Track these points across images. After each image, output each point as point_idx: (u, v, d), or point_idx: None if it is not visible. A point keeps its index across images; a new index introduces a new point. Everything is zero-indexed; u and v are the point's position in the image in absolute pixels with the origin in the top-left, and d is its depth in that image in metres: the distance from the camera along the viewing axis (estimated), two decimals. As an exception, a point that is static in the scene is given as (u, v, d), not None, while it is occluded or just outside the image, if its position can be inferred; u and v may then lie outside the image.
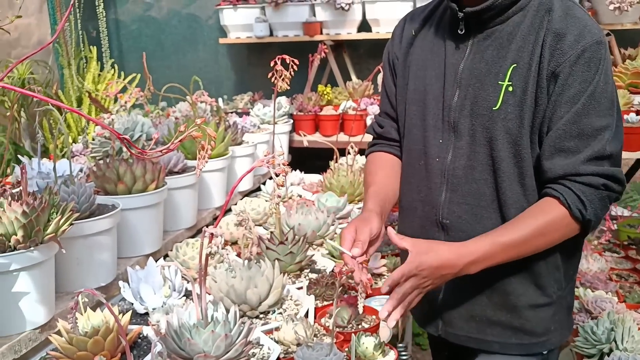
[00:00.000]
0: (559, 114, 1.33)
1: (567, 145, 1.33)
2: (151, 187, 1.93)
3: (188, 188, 2.22)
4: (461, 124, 1.44)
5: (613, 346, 1.80)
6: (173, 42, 4.78)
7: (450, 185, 1.47)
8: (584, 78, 1.31)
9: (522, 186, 1.40)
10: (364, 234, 1.43)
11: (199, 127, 1.05)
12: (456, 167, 1.46)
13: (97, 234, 1.70)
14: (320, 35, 4.03)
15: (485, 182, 1.42)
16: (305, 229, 2.10)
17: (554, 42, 1.33)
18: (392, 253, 2.14)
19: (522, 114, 1.36)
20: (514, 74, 1.37)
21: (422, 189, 1.54)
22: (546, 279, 1.44)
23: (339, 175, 2.78)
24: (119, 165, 1.91)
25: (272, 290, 1.64)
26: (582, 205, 1.31)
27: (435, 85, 1.50)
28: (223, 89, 4.61)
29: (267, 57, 4.58)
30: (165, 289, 1.70)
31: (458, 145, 1.46)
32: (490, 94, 1.39)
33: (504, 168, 1.39)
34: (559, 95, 1.32)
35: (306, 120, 3.77)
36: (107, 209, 1.79)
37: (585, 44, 1.30)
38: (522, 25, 1.39)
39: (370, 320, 1.63)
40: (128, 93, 2.98)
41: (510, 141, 1.38)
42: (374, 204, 1.55)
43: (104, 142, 2.42)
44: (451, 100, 1.46)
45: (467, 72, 1.44)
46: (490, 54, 1.41)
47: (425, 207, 1.53)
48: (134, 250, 1.94)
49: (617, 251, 2.90)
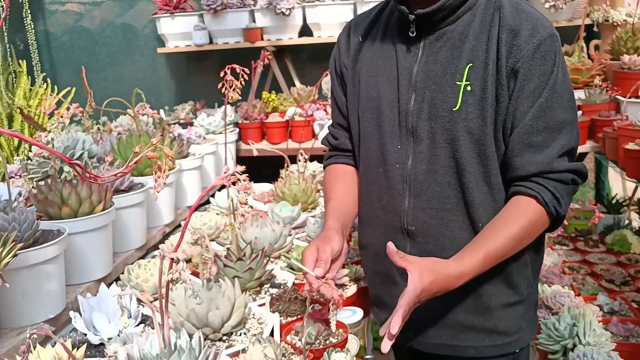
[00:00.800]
0: (522, 109, 1.32)
1: (535, 140, 1.32)
2: (98, 209, 1.83)
3: (136, 206, 2.12)
4: (420, 127, 1.42)
5: (576, 341, 1.82)
6: (108, 54, 4.61)
7: (413, 191, 1.44)
8: (542, 71, 1.31)
9: (488, 185, 1.38)
10: (325, 253, 1.39)
11: (155, 147, 0.98)
12: (417, 172, 1.43)
13: (43, 263, 1.59)
14: (261, 41, 3.97)
15: (448, 184, 1.40)
16: (262, 243, 2.03)
17: (510, 38, 1.32)
18: (352, 262, 2.10)
19: (484, 112, 1.34)
20: (470, 73, 1.35)
21: (384, 197, 1.50)
22: (517, 277, 1.43)
23: (291, 183, 2.73)
24: (62, 187, 1.79)
25: (234, 310, 1.57)
26: (557, 202, 1.33)
27: (388, 91, 1.47)
28: (163, 99, 4.49)
29: (208, 65, 4.54)
30: (124, 318, 1.60)
31: (418, 149, 1.43)
32: (448, 95, 1.37)
33: (469, 168, 1.37)
34: (520, 91, 1.32)
35: (253, 129, 3.70)
36: (52, 235, 1.68)
37: (540, 37, 1.31)
38: (473, 24, 1.38)
39: (338, 334, 1.59)
40: (63, 107, 2.85)
41: (473, 141, 1.36)
42: (333, 220, 1.52)
43: (43, 162, 2.29)
44: (407, 105, 1.43)
45: (422, 74, 1.41)
46: (444, 55, 1.39)
47: (388, 215, 1.50)
48: (83, 276, 1.84)
49: (566, 244, 2.97)
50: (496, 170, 1.37)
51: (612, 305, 2.21)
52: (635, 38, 2.83)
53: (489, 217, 1.38)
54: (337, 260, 1.45)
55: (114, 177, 0.95)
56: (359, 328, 1.72)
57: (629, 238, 2.82)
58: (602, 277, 2.55)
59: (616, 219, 3.12)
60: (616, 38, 2.89)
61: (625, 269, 2.63)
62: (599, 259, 2.77)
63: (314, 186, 2.78)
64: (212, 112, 3.56)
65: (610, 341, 1.87)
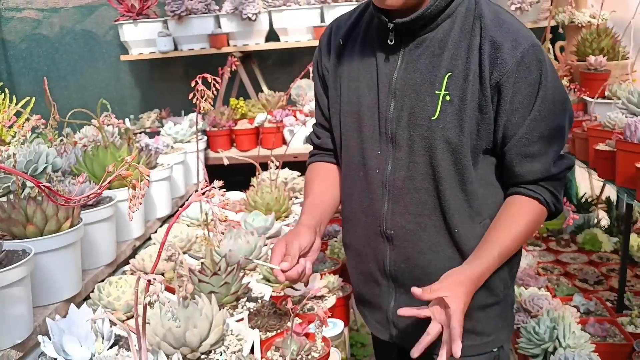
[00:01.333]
0: (514, 120, 1.34)
1: (532, 151, 1.36)
2: (65, 226, 1.75)
3: (105, 221, 2.05)
4: (399, 135, 1.42)
5: (556, 344, 1.82)
6: (69, 62, 4.49)
7: (392, 197, 1.45)
8: (529, 82, 1.32)
9: (463, 192, 1.40)
10: (293, 248, 1.41)
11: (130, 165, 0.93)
12: (396, 178, 1.44)
13: (8, 286, 1.50)
14: (228, 47, 3.92)
15: (426, 190, 1.41)
16: (236, 255, 1.98)
17: (492, 50, 1.32)
18: (329, 271, 2.07)
19: (462, 122, 1.35)
20: (449, 83, 1.35)
21: (364, 200, 1.51)
22: (494, 280, 1.44)
23: (263, 192, 2.68)
24: (26, 205, 1.71)
25: (212, 328, 1.52)
26: (556, 200, 1.41)
27: (369, 97, 1.47)
28: (127, 107, 4.39)
29: (173, 71, 4.45)
30: (99, 344, 1.53)
31: (397, 156, 1.43)
32: (427, 104, 1.37)
33: (445, 176, 1.39)
34: (510, 103, 1.33)
35: (221, 136, 3.64)
36: (17, 256, 1.59)
37: (522, 49, 1.31)
38: (452, 32, 1.37)
39: (319, 349, 1.55)
40: (23, 118, 2.74)
41: (449, 150, 1.37)
42: (307, 216, 1.53)
43: (3, 177, 2.19)
44: (387, 112, 1.43)
45: (401, 82, 1.41)
46: (424, 63, 1.39)
47: (368, 218, 1.51)
48: (50, 297, 1.75)
49: (539, 244, 2.99)
50: (471, 179, 1.39)
51: (587, 306, 2.23)
52: (600, 39, 2.86)
53: (464, 222, 1.41)
54: (308, 255, 1.46)
55: (86, 198, 0.90)
56: (340, 341, 1.69)
57: (599, 237, 2.86)
58: (575, 277, 2.57)
59: (586, 218, 3.15)
60: (581, 39, 2.92)
61: (597, 268, 2.65)
62: (571, 258, 2.80)
63: (286, 194, 2.74)
64: (179, 120, 3.49)
65: (589, 342, 1.88)
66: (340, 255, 2.21)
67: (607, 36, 2.83)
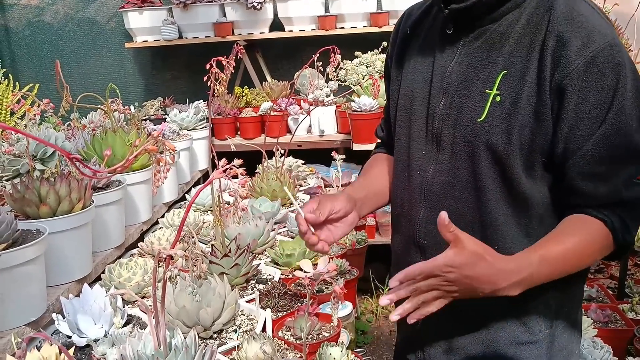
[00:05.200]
0: (579, 133, 1.13)
1: (598, 170, 1.15)
2: (78, 207, 1.77)
3: (115, 204, 2.07)
4: (444, 135, 1.27)
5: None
6: (73, 49, 4.50)
7: (428, 203, 1.30)
8: (599, 88, 1.10)
9: (509, 206, 1.21)
10: (324, 207, 1.28)
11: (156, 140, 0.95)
12: (435, 182, 1.29)
13: (23, 265, 1.53)
14: (232, 35, 3.92)
15: (465, 201, 1.24)
16: (246, 239, 2.01)
17: (558, 48, 1.12)
18: (336, 255, 2.10)
19: (510, 128, 1.16)
20: (503, 82, 1.18)
21: (405, 204, 1.38)
22: (531, 314, 1.26)
23: (269, 178, 2.70)
24: (40, 185, 1.73)
25: (225, 307, 1.54)
26: (626, 230, 1.17)
27: (421, 90, 1.33)
28: (131, 95, 4.40)
29: (177, 60, 4.46)
30: (117, 319, 1.56)
31: (440, 158, 1.28)
32: (476, 104, 1.21)
33: (489, 186, 1.21)
34: (574, 112, 1.12)
35: (226, 124, 3.65)
36: (31, 236, 1.61)
37: (595, 48, 1.09)
38: (517, 24, 1.19)
39: (329, 328, 1.58)
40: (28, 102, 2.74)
41: (494, 158, 1.20)
42: (352, 189, 1.43)
43: (14, 160, 2.21)
44: (436, 108, 1.29)
45: (455, 76, 1.26)
46: (480, 57, 1.23)
47: (406, 224, 1.37)
48: (63, 276, 1.77)
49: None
50: (524, 193, 1.19)
51: (589, 292, 2.26)
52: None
53: (509, 240, 1.22)
54: (336, 222, 1.33)
55: (113, 172, 0.92)
56: (349, 322, 1.72)
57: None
58: (577, 266, 2.60)
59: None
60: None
61: (599, 257, 2.69)
62: (573, 248, 2.83)
63: (291, 181, 2.76)
64: (184, 108, 3.50)
65: (592, 327, 1.91)
66: (347, 241, 2.23)
67: (611, 28, 2.85)
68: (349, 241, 2.24)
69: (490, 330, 1.27)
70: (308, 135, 3.76)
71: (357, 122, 3.40)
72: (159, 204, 2.64)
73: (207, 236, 2.29)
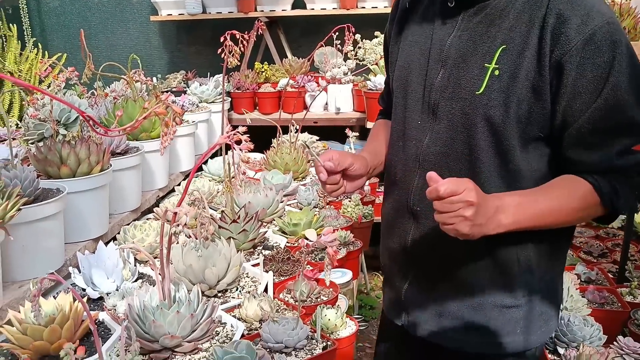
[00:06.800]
0: (575, 107, 1.18)
1: (592, 141, 1.20)
2: (96, 169, 1.87)
3: (132, 169, 2.17)
4: (441, 106, 1.31)
5: (554, 306, 1.90)
6: (101, 20, 4.60)
7: (423, 172, 1.30)
8: (596, 65, 1.15)
9: (501, 178, 1.26)
10: (345, 160, 1.38)
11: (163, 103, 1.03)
12: (431, 152, 1.34)
13: (43, 220, 1.63)
14: (255, 12, 3.98)
15: (459, 172, 1.28)
16: (255, 207, 2.09)
17: (558, 25, 1.16)
18: (342, 227, 2.17)
19: (508, 102, 1.21)
20: (502, 57, 1.22)
21: (398, 172, 1.44)
22: (517, 281, 1.32)
23: (282, 152, 2.78)
24: (61, 148, 1.83)
25: (230, 268, 1.63)
26: (615, 195, 1.21)
27: (419, 62, 1.38)
28: (155, 68, 4.50)
29: (200, 35, 4.54)
30: (126, 271, 1.66)
31: (436, 129, 1.33)
32: (474, 77, 1.25)
33: (483, 158, 1.26)
34: (572, 87, 1.17)
35: (245, 98, 3.74)
36: (51, 194, 1.72)
37: (593, 26, 1.14)
38: (517, 1, 1.23)
39: (328, 293, 1.66)
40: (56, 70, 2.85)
41: (490, 130, 1.24)
42: (369, 155, 1.50)
43: (39, 124, 2.32)
44: (434, 80, 1.33)
45: (454, 49, 1.30)
46: (479, 32, 1.27)
47: (400, 192, 1.43)
48: (80, 234, 1.88)
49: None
50: (516, 167, 1.25)
51: (589, 275, 2.31)
52: (622, 19, 2.88)
53: None
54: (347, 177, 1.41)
55: (123, 132, 1.00)
56: (348, 289, 1.80)
57: (608, 213, 2.91)
58: (580, 249, 2.64)
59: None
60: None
61: (603, 242, 2.72)
62: (578, 232, 2.87)
63: (304, 156, 2.84)
64: (205, 81, 3.59)
65: (586, 307, 1.96)
66: (353, 215, 2.30)
67: (630, 16, 2.85)
68: (355, 215, 2.31)
69: (477, 294, 1.34)
70: (324, 112, 3.82)
71: (372, 100, 3.45)
72: (175, 172, 2.74)
73: (220, 204, 2.38)
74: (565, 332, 1.76)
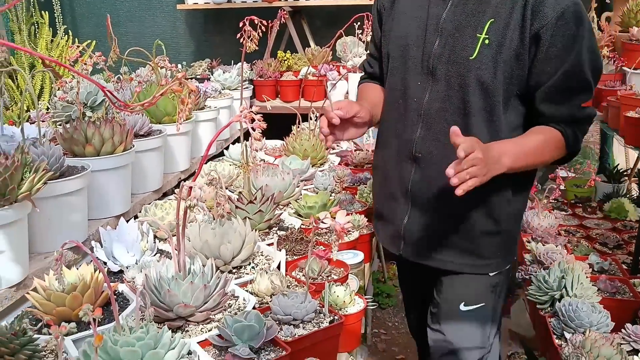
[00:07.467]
0: (547, 70, 1.49)
1: (559, 98, 1.53)
2: (119, 149, 1.94)
3: (154, 151, 2.24)
4: (439, 69, 1.59)
5: (563, 293, 1.93)
6: (129, 9, 4.70)
7: (425, 124, 1.64)
8: (565, 35, 1.46)
9: (489, 130, 1.56)
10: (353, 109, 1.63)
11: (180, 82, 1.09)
12: (431, 107, 1.62)
13: (68, 195, 1.71)
14: (279, 1, 4.03)
15: (456, 123, 1.51)
16: (272, 190, 2.15)
17: (537, 3, 1.46)
18: (356, 212, 2.22)
19: (497, 65, 1.51)
20: (491, 28, 1.51)
21: (399, 127, 1.71)
22: (497, 211, 1.64)
23: (302, 139, 2.83)
24: (86, 128, 1.91)
25: (244, 245, 1.69)
26: (575, 140, 1.58)
27: (416, 33, 1.65)
28: (181, 56, 4.58)
29: (225, 24, 4.61)
30: (144, 243, 1.73)
31: (435, 88, 1.61)
32: (468, 45, 1.54)
33: (474, 113, 1.56)
34: (545, 53, 1.48)
35: (267, 86, 3.79)
36: (76, 171, 1.80)
37: (564, 5, 1.45)
38: None
39: (338, 272, 1.71)
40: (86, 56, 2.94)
41: (482, 89, 1.53)
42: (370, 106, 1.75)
43: (67, 106, 2.41)
44: (431, 47, 1.61)
45: (449, 22, 1.58)
46: (471, 8, 1.55)
47: (401, 142, 1.70)
48: (103, 211, 1.96)
49: (565, 209, 3.07)
50: (500, 119, 1.55)
51: (602, 265, 2.31)
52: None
53: None
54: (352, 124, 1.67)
55: (142, 107, 1.06)
56: (359, 269, 1.84)
57: (626, 206, 2.91)
58: (596, 241, 2.65)
59: (616, 188, 3.20)
60: (627, 10, 2.94)
61: (619, 235, 2.72)
62: (595, 224, 2.87)
63: (323, 143, 2.88)
64: (228, 69, 3.66)
65: (596, 295, 1.98)
66: (368, 200, 2.35)
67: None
68: (370, 200, 2.36)
69: (468, 223, 1.65)
70: (346, 102, 3.85)
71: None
72: (197, 156, 2.81)
73: (239, 187, 2.45)
74: (573, 318, 1.79)
